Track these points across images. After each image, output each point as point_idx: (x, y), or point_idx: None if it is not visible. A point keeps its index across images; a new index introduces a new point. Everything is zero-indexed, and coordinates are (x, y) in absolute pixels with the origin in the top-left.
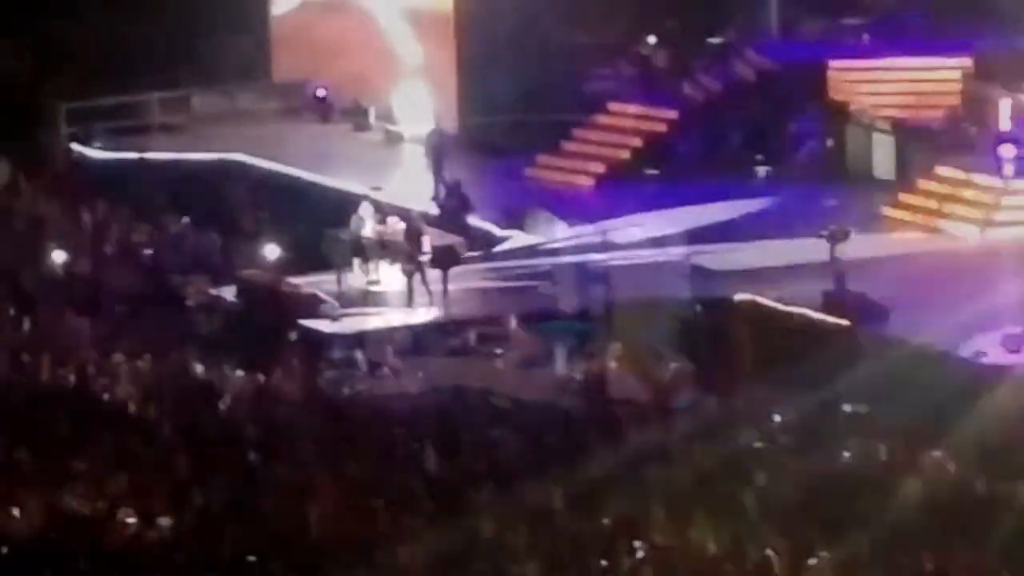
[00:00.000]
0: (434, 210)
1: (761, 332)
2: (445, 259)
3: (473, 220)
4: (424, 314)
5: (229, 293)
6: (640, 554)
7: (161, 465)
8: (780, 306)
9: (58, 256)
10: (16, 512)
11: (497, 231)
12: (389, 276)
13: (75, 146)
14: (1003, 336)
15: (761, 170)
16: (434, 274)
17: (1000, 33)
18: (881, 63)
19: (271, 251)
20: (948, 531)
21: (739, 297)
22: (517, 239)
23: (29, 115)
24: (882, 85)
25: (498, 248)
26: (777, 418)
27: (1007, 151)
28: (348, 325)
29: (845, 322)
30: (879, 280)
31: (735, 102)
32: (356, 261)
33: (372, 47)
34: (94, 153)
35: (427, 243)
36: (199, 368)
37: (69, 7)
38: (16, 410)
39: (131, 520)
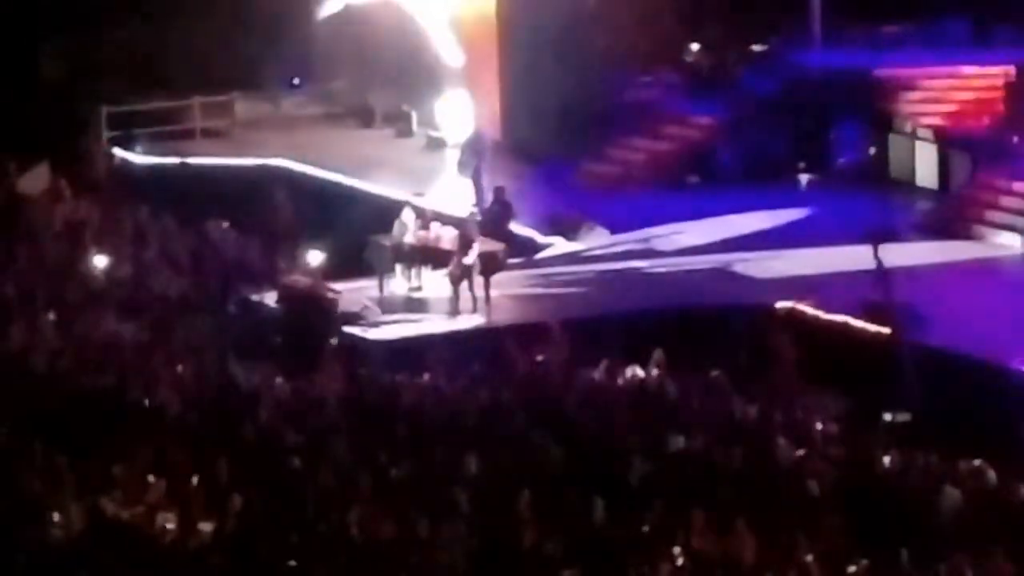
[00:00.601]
0: (475, 216)
1: (806, 340)
2: (488, 266)
3: (515, 226)
4: (467, 320)
5: (270, 298)
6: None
7: (200, 470)
8: (824, 313)
9: (99, 260)
10: (56, 516)
11: (540, 238)
12: (432, 283)
13: (117, 150)
14: None
15: (804, 178)
16: (478, 281)
17: None
18: (924, 71)
19: (313, 256)
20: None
21: (781, 304)
22: (559, 246)
23: (71, 119)
24: (925, 93)
25: (541, 255)
26: (819, 426)
27: None
28: (391, 332)
29: (886, 329)
30: (921, 287)
31: (777, 110)
32: (399, 268)
33: (414, 53)
34: (136, 157)
35: (475, 249)
36: (239, 372)
37: (110, 14)
38: (56, 414)
39: (170, 525)
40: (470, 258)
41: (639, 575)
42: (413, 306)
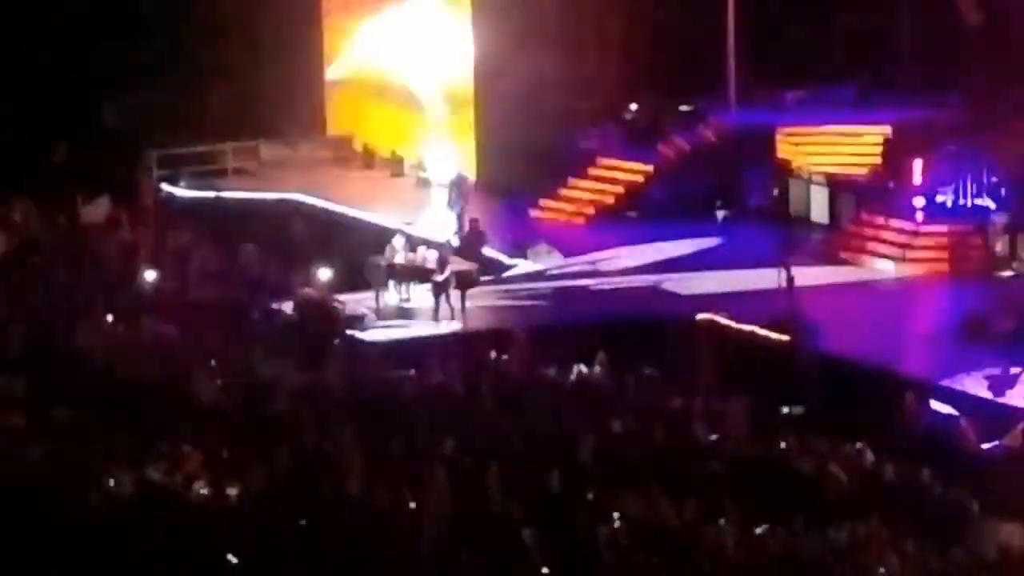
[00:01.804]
0: (455, 242)
1: (721, 345)
2: (464, 282)
3: (487, 250)
4: (446, 326)
5: (287, 306)
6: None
7: (229, 445)
8: (735, 323)
9: (149, 275)
10: (112, 483)
11: (506, 260)
12: (418, 295)
13: (164, 186)
14: (987, 378)
15: (720, 213)
16: (455, 294)
17: (914, 106)
18: (818, 128)
19: (322, 273)
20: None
21: (701, 316)
22: (522, 266)
23: (127, 161)
24: (818, 146)
25: (507, 273)
26: (729, 415)
27: (919, 202)
28: (384, 335)
29: (787, 337)
30: (818, 303)
31: (699, 159)
32: (391, 283)
33: (407, 108)
34: (179, 191)
35: (448, 269)
36: (261, 366)
37: (159, 75)
38: (113, 399)
39: (204, 490)
40: (441, 276)
41: (586, 534)
42: (403, 314)
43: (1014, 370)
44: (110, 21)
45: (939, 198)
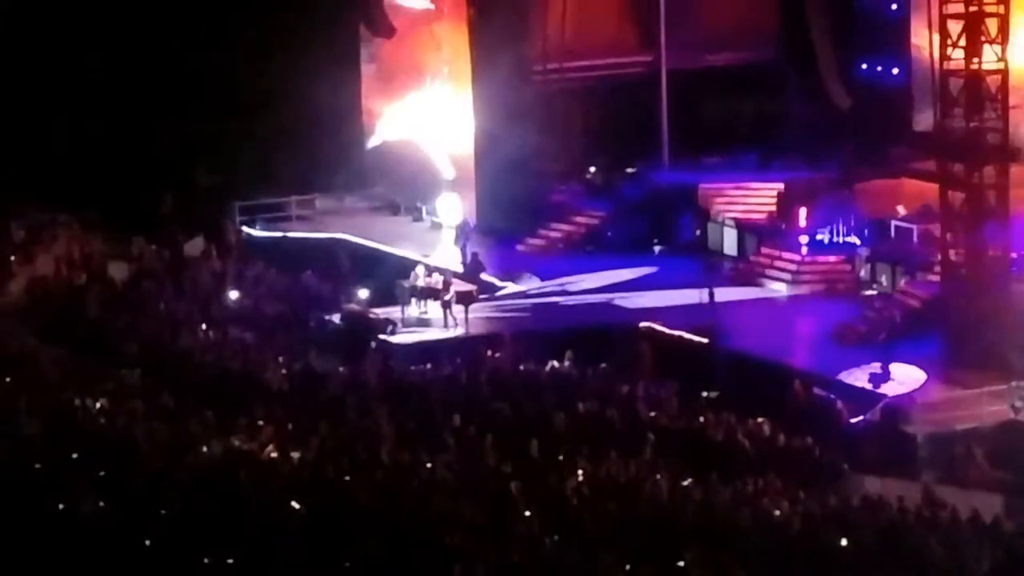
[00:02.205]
0: (460, 269)
1: (658, 346)
2: (466, 299)
3: (484, 276)
4: (454, 333)
5: (336, 317)
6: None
7: (292, 420)
8: (669, 329)
9: (232, 294)
10: (205, 449)
11: (498, 282)
12: (433, 309)
13: (244, 228)
14: (870, 373)
15: (657, 248)
16: (460, 308)
17: (800, 168)
18: (729, 185)
19: (362, 293)
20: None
21: (643, 324)
22: (510, 288)
23: (216, 209)
24: (729, 198)
25: (499, 293)
26: (665, 398)
27: (803, 239)
28: (408, 338)
29: (706, 340)
30: (729, 315)
31: (642, 207)
32: (413, 300)
33: (425, 167)
34: (255, 232)
35: (452, 290)
36: (316, 362)
37: (242, 142)
38: (206, 386)
39: (274, 454)
40: (447, 295)
41: (558, 487)
42: (421, 323)
43: (888, 366)
44: (208, 100)
45: (819, 236)
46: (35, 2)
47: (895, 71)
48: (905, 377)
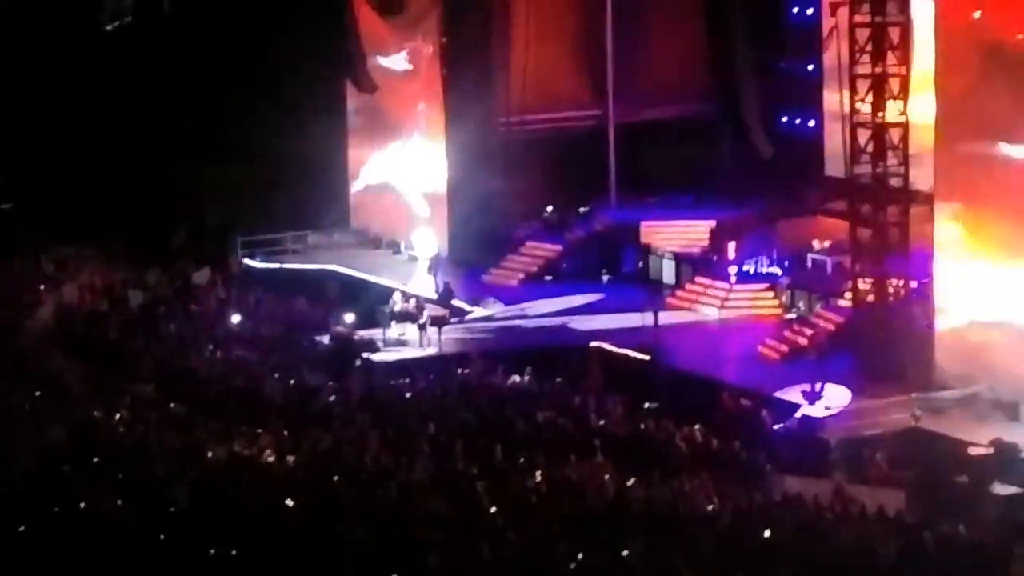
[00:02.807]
0: (434, 296)
1: (606, 363)
2: (439, 322)
3: (455, 302)
4: (428, 352)
5: (325, 339)
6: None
7: (288, 428)
8: (615, 348)
9: (235, 318)
10: (211, 454)
11: (467, 307)
12: (410, 331)
13: (245, 260)
14: (803, 391)
15: (605, 278)
16: (433, 330)
17: (729, 208)
18: (667, 223)
19: (348, 317)
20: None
21: (593, 343)
22: (477, 312)
23: (221, 244)
24: (668, 234)
25: (467, 317)
26: (612, 408)
27: (732, 270)
28: (388, 356)
29: (648, 357)
30: (668, 336)
31: (592, 242)
32: (393, 323)
33: (403, 207)
34: (255, 264)
35: (426, 314)
36: (309, 377)
37: (244, 185)
38: (212, 399)
39: (271, 459)
40: (424, 319)
41: (519, 487)
42: (400, 344)
43: (820, 386)
44: (216, 150)
45: (745, 267)
46: (67, 62)
47: (811, 124)
48: (834, 396)
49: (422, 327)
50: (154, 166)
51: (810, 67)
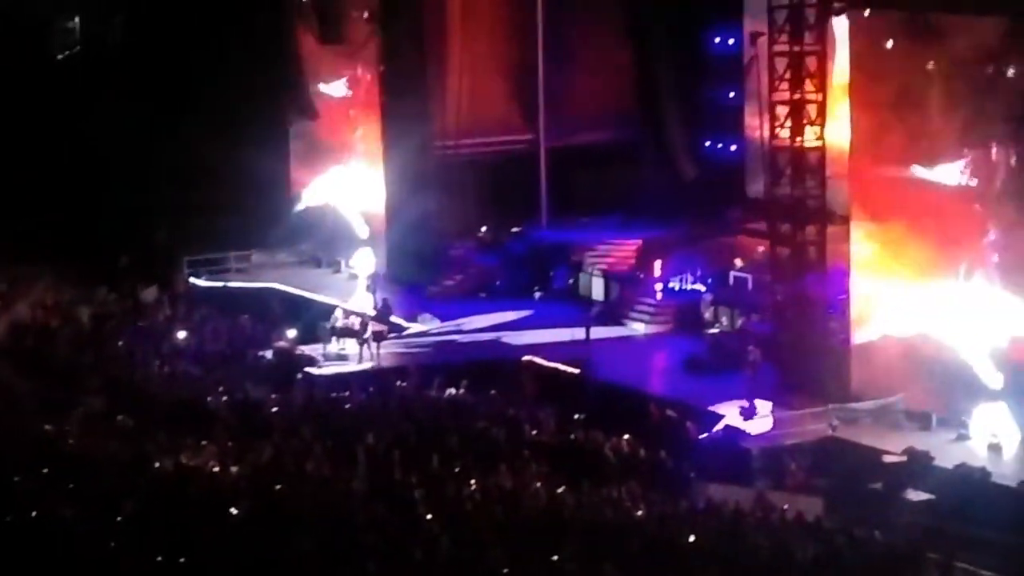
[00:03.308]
0: (372, 312)
1: (538, 376)
2: (378, 337)
3: (393, 318)
4: (367, 365)
5: (268, 353)
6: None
7: (232, 440)
8: (547, 362)
9: (181, 334)
10: (158, 464)
11: (404, 323)
12: (350, 346)
13: (191, 279)
14: (740, 408)
15: (537, 295)
16: (373, 345)
17: (655, 228)
18: (597, 242)
19: (290, 332)
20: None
21: (525, 357)
22: (414, 327)
23: (169, 264)
24: (598, 252)
25: (405, 332)
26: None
27: (658, 287)
28: (329, 370)
29: (578, 370)
30: (597, 350)
31: (524, 260)
32: (334, 338)
33: (343, 227)
34: (201, 282)
35: (368, 330)
36: (252, 390)
37: (190, 208)
38: (159, 411)
39: (216, 469)
40: (365, 334)
41: (455, 494)
42: (340, 358)
43: (754, 402)
44: (163, 173)
45: (671, 284)
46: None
47: (733, 147)
48: (766, 412)
49: (365, 342)
50: (103, 188)
51: (732, 94)
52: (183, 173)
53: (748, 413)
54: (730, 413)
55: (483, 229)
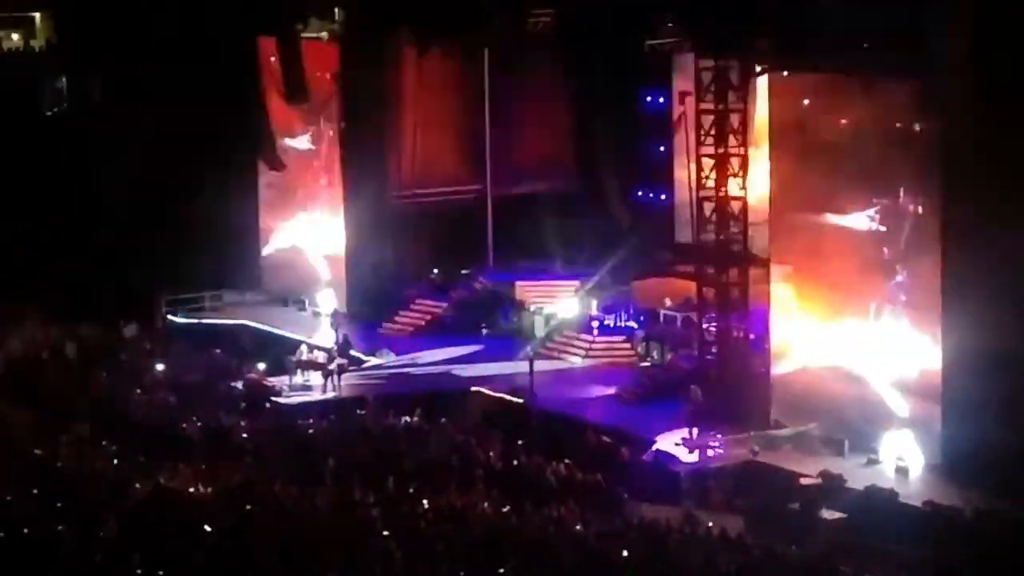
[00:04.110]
0: (334, 347)
1: (485, 405)
2: (340, 370)
3: (353, 352)
4: (330, 395)
5: (239, 384)
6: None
7: (207, 462)
8: (493, 392)
9: (159, 366)
10: (138, 485)
11: (363, 357)
12: (314, 378)
13: (169, 316)
14: (682, 439)
15: (484, 331)
16: (335, 377)
17: (590, 271)
18: (539, 282)
19: (260, 365)
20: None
21: (473, 388)
22: (372, 361)
23: (146, 303)
24: (540, 292)
25: (364, 365)
26: (490, 444)
27: (595, 324)
28: (295, 400)
29: (521, 400)
30: (539, 381)
31: (472, 300)
32: (299, 371)
33: (308, 269)
34: (177, 319)
35: (334, 364)
36: (225, 419)
37: (168, 256)
38: (138, 436)
39: (191, 489)
40: (331, 366)
41: (409, 513)
42: (305, 388)
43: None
44: (143, 220)
45: (606, 321)
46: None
47: (663, 197)
48: (704, 442)
49: (329, 374)
50: (88, 231)
51: (662, 148)
52: (163, 221)
53: (691, 444)
54: (674, 443)
55: (435, 271)
